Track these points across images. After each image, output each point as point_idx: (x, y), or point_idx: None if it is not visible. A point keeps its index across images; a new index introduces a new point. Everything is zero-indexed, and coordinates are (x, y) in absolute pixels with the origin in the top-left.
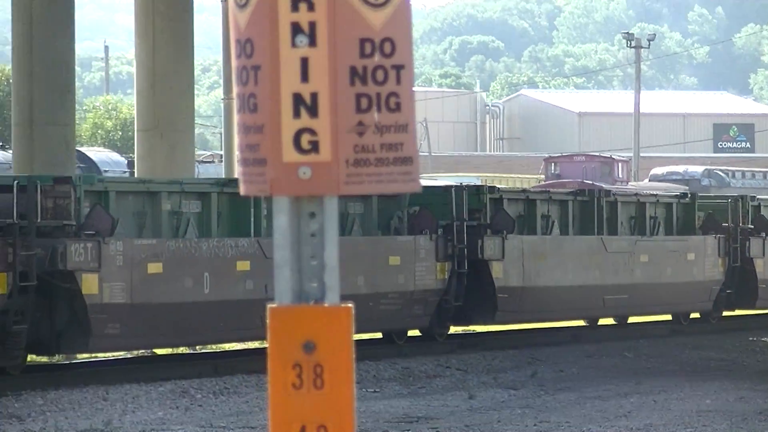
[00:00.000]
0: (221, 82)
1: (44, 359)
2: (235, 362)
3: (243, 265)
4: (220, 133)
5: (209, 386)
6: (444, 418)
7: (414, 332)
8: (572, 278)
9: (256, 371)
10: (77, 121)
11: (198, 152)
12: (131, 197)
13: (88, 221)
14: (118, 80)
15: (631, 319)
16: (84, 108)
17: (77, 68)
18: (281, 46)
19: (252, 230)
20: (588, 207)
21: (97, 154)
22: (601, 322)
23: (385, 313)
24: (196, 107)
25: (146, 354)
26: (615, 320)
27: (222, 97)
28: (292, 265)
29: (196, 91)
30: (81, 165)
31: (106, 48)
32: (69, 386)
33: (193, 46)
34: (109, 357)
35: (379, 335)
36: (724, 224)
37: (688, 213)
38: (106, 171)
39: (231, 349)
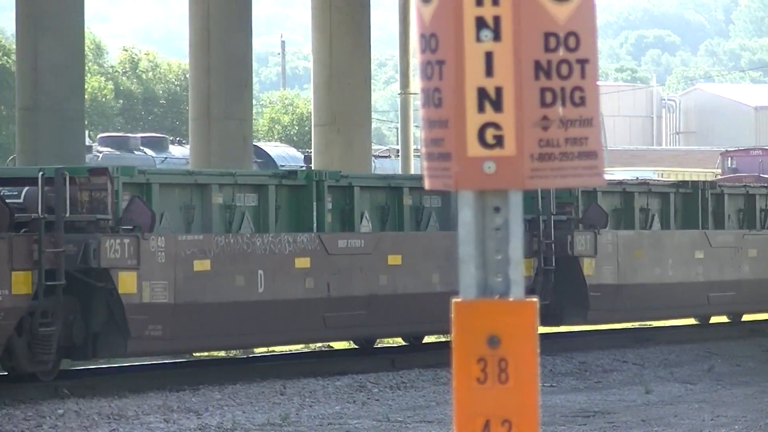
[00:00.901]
0: (397, 77)
1: (221, 354)
2: (413, 357)
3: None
4: (396, 128)
5: (386, 380)
6: (620, 412)
7: None
8: (673, 275)
9: (432, 366)
10: (254, 116)
11: (374, 147)
12: (177, 190)
13: (125, 215)
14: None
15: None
16: (261, 103)
17: (254, 63)
18: (466, 40)
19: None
20: (691, 199)
21: (273, 149)
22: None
23: None
24: (372, 102)
25: (323, 348)
26: (728, 318)
27: (398, 92)
28: (476, 259)
29: (372, 86)
30: (258, 160)
31: (283, 43)
32: (246, 380)
33: (369, 41)
34: (285, 351)
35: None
36: None
37: None
38: (282, 166)
39: (406, 344)
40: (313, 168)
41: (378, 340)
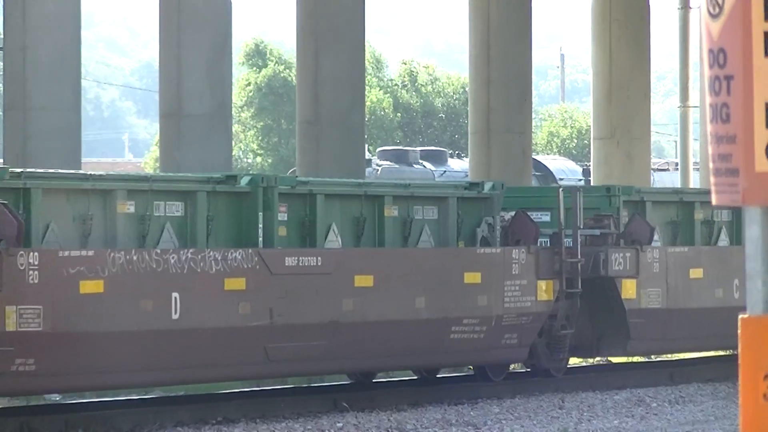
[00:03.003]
0: (677, 90)
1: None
2: (692, 371)
3: None
4: (675, 141)
5: (664, 395)
6: None
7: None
8: (740, 297)
9: (711, 380)
10: (533, 130)
11: (653, 160)
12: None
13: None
14: (573, 88)
15: None
16: (540, 116)
17: (533, 77)
18: (754, 55)
19: None
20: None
21: (552, 162)
22: None
23: (457, 343)
24: (651, 115)
25: (601, 362)
26: None
27: (678, 105)
28: (764, 275)
29: (651, 99)
30: (537, 173)
31: (562, 56)
32: (525, 395)
33: (649, 54)
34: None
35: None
36: None
37: None
38: (561, 179)
39: (686, 357)
40: (583, 181)
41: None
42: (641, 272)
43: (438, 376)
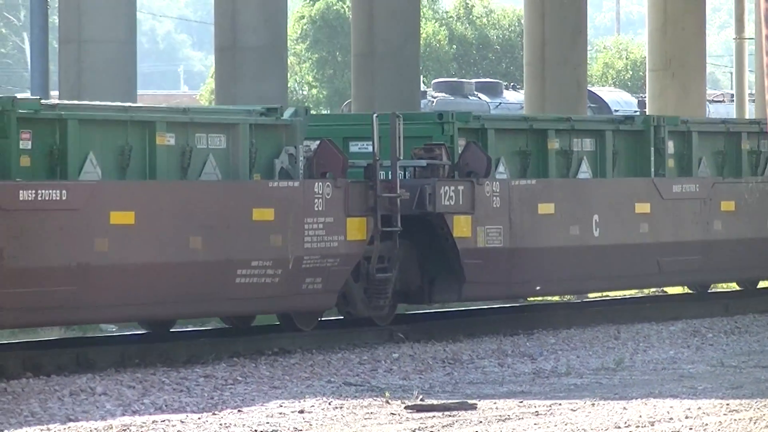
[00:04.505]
0: (732, 21)
1: (555, 299)
2: (747, 302)
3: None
4: (731, 73)
5: (720, 326)
6: None
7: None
8: (601, 235)
9: (766, 311)
10: (588, 62)
11: (708, 92)
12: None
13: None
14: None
15: None
16: (595, 48)
17: (588, 8)
18: None
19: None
20: (640, 140)
21: (608, 94)
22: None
23: (244, 289)
24: (706, 47)
25: (657, 293)
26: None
27: (733, 36)
28: None
29: (706, 31)
30: (592, 105)
31: None
32: (581, 325)
33: None
34: (619, 295)
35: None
36: None
37: None
38: (616, 111)
39: (740, 289)
40: (638, 112)
41: (712, 285)
42: (477, 208)
43: (493, 306)
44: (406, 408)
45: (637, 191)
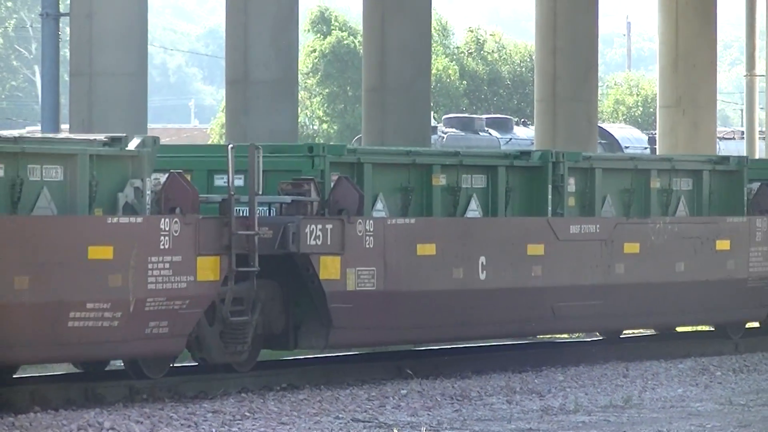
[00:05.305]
0: (743, 58)
1: (564, 336)
2: (757, 340)
3: None
4: (741, 110)
5: (729, 364)
6: None
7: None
8: (488, 278)
9: None
10: (599, 98)
11: (719, 129)
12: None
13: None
14: (639, 56)
15: None
16: (605, 84)
17: (599, 45)
18: None
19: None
20: (537, 177)
21: (618, 130)
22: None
23: (77, 333)
24: (717, 83)
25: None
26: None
27: (744, 73)
28: None
29: (717, 68)
30: (602, 141)
31: (628, 24)
32: (589, 362)
33: (716, 22)
34: (628, 333)
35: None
36: None
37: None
38: (626, 147)
39: (749, 327)
40: (648, 149)
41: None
42: (347, 248)
43: (501, 343)
44: None
45: (530, 231)
